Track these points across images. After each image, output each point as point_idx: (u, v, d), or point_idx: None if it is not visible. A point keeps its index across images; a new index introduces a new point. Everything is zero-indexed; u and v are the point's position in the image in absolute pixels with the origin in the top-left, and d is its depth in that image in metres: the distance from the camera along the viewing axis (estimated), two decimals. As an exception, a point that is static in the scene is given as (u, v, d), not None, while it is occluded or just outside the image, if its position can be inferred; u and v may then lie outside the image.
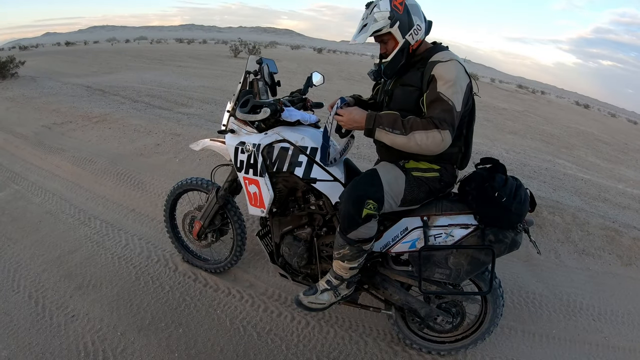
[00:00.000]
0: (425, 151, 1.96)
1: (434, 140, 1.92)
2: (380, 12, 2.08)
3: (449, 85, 1.97)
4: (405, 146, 1.99)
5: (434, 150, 1.96)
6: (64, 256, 3.50)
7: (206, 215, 3.01)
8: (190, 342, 2.65)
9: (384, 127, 2.01)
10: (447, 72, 2.00)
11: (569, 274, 3.66)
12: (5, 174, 5.46)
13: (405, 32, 2.10)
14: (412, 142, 1.95)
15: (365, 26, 2.12)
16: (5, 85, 11.80)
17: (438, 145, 1.93)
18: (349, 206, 2.08)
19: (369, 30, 2.10)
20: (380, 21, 2.08)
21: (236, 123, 2.60)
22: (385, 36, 2.14)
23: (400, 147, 2.01)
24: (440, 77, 2.00)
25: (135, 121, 7.13)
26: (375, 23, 2.09)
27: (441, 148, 1.95)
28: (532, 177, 5.90)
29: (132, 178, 5.02)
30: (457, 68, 2.03)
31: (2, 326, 2.73)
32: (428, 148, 1.94)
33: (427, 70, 2.06)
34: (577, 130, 16.48)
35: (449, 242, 2.19)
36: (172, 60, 23.55)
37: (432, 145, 1.93)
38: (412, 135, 1.94)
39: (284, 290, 3.13)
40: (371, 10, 2.12)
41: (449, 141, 1.95)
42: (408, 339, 2.63)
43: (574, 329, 3.05)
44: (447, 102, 1.95)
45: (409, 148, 1.98)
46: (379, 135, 2.05)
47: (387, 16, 2.07)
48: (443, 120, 1.93)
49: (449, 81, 1.98)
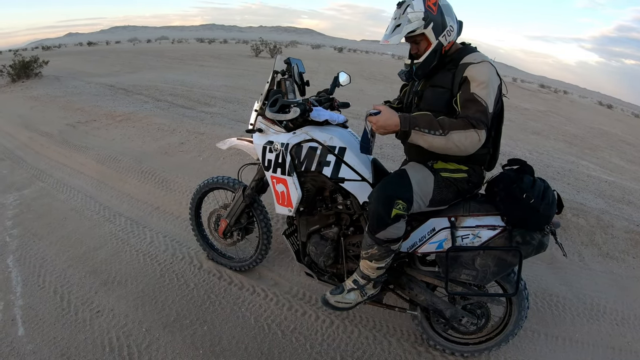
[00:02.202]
0: (462, 152, 1.95)
1: (472, 140, 1.91)
2: (415, 13, 2.06)
3: (483, 86, 1.97)
4: (443, 147, 1.96)
5: (470, 151, 1.95)
6: (89, 253, 3.57)
7: (232, 213, 3.03)
8: (214, 340, 2.67)
9: (421, 129, 1.96)
10: (480, 74, 2.00)
11: (592, 277, 3.61)
12: (30, 171, 5.58)
13: (439, 34, 2.09)
14: (451, 142, 1.92)
15: (399, 27, 2.09)
16: (29, 84, 12.04)
17: (475, 145, 1.93)
18: (378, 206, 2.08)
19: (403, 31, 2.08)
20: (415, 22, 2.06)
21: (264, 122, 2.62)
22: (418, 37, 2.12)
23: (438, 148, 1.97)
24: (473, 78, 1.99)
25: (159, 120, 7.22)
26: (409, 24, 2.07)
27: (476, 147, 1.95)
28: (556, 179, 5.83)
29: (157, 176, 5.09)
30: (489, 70, 2.02)
31: (27, 320, 2.80)
32: (466, 148, 1.93)
33: (459, 72, 2.05)
34: (600, 131, 16.19)
35: (476, 243, 2.17)
36: (194, 60, 23.76)
37: (469, 145, 1.92)
38: (450, 135, 1.92)
39: (308, 289, 3.14)
40: (404, 10, 2.09)
41: (483, 140, 1.95)
42: (432, 340, 2.62)
43: (597, 333, 3.00)
44: (482, 103, 1.95)
45: (447, 149, 1.96)
46: (415, 138, 1.99)
47: (422, 17, 2.05)
48: (479, 120, 1.92)
49: (482, 83, 1.97)
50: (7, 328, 2.73)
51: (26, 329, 2.72)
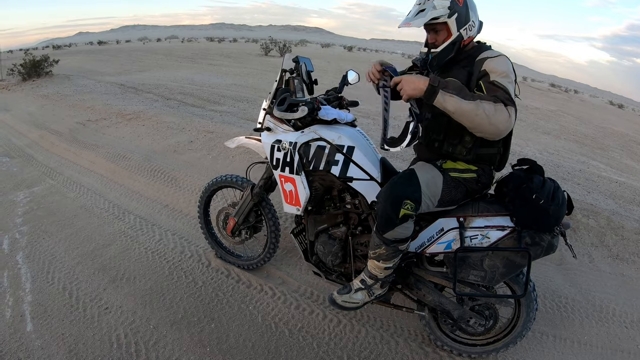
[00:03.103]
0: (492, 125, 1.88)
1: (502, 114, 1.87)
2: (441, 0, 2.04)
3: (503, 76, 1.96)
4: (472, 113, 1.88)
5: (500, 127, 1.89)
6: (98, 250, 3.60)
7: (241, 212, 3.04)
8: (222, 337, 2.68)
9: (449, 91, 1.91)
10: (499, 65, 1.99)
11: (602, 279, 3.58)
12: (40, 169, 5.64)
13: (461, 26, 2.07)
14: (481, 109, 1.86)
15: (423, 11, 2.05)
16: (40, 83, 12.14)
17: (506, 121, 1.88)
18: (387, 206, 2.08)
19: (427, 16, 2.03)
20: (440, 9, 2.03)
21: (272, 121, 2.62)
22: (439, 25, 2.09)
23: (466, 114, 1.89)
24: (492, 70, 1.98)
25: (169, 118, 7.26)
26: (434, 10, 2.03)
27: (507, 126, 1.90)
28: (566, 179, 5.79)
29: (166, 174, 5.11)
30: (507, 62, 2.02)
31: (36, 316, 2.82)
32: (497, 121, 1.87)
33: (477, 67, 2.04)
34: (611, 131, 16.04)
35: (485, 243, 2.16)
36: (203, 59, 23.82)
37: (500, 119, 1.87)
38: (480, 103, 1.88)
39: (316, 288, 3.14)
40: None
41: (514, 120, 1.91)
42: (439, 341, 2.61)
43: (606, 336, 2.97)
44: (505, 89, 1.93)
45: (475, 116, 1.88)
46: (443, 100, 1.92)
47: (447, 5, 2.03)
48: (507, 99, 1.90)
49: (502, 73, 1.97)
50: (16, 324, 2.76)
51: (35, 325, 2.75)
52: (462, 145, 2.15)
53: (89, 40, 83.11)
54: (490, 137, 1.95)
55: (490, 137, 1.96)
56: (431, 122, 2.23)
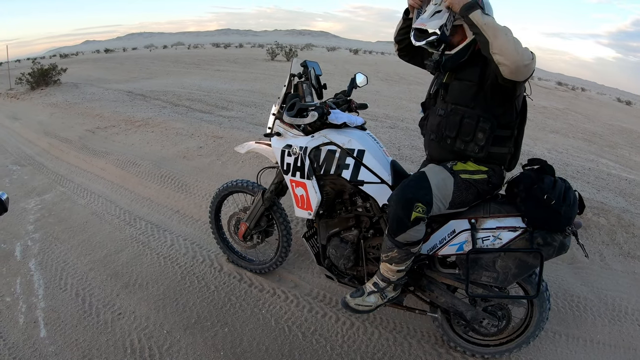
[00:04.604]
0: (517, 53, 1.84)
1: (527, 52, 1.85)
2: None
3: None
4: (503, 32, 1.87)
5: (523, 59, 1.85)
6: (110, 256, 3.63)
7: (252, 217, 3.05)
8: (235, 341, 2.69)
9: (485, 13, 1.94)
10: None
11: (614, 277, 3.56)
12: (51, 176, 5.70)
13: None
14: (511, 35, 1.86)
15: (439, 12, 2.02)
16: (48, 91, 12.24)
17: (529, 58, 1.85)
18: (398, 209, 2.09)
19: (444, 18, 2.01)
20: None
21: (282, 126, 2.64)
22: (455, 28, 2.08)
23: (498, 31, 1.88)
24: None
25: (177, 124, 7.30)
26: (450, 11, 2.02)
27: (528, 65, 1.87)
28: (576, 178, 5.76)
29: (176, 180, 5.14)
30: None
31: (49, 322, 2.85)
32: (522, 52, 1.84)
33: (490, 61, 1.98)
34: (619, 128, 15.95)
35: (497, 245, 2.16)
36: (210, 65, 23.95)
37: (525, 54, 1.85)
38: (508, 30, 1.88)
39: (328, 291, 3.15)
40: None
41: (533, 68, 1.89)
42: (452, 342, 2.61)
43: (619, 334, 2.95)
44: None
45: (505, 35, 1.87)
46: (477, 16, 1.92)
47: None
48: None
49: None
50: (29, 330, 2.79)
51: (48, 331, 2.77)
52: (475, 142, 2.14)
53: (96, 49, 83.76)
54: (512, 65, 1.86)
55: (512, 66, 1.87)
56: (444, 119, 2.22)
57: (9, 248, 3.81)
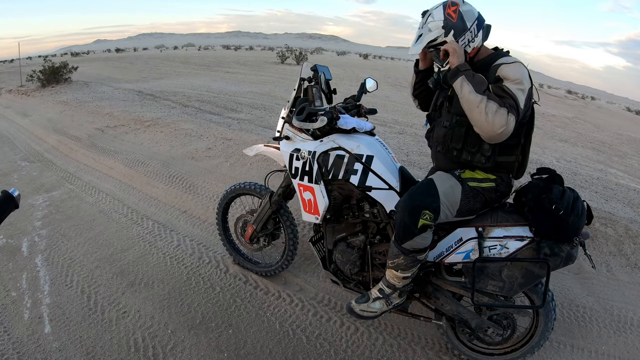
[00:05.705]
0: (485, 123, 1.92)
1: (500, 118, 1.89)
2: (434, 22, 2.08)
3: (515, 82, 1.97)
4: (473, 104, 1.95)
5: (495, 129, 1.91)
6: (117, 254, 3.65)
7: (259, 219, 3.06)
8: (239, 343, 2.70)
9: (469, 79, 1.98)
10: (512, 72, 1.99)
11: (620, 288, 3.53)
12: (59, 173, 5.74)
13: (461, 40, 2.09)
14: (482, 105, 1.92)
15: (421, 37, 2.13)
16: (59, 89, 12.34)
17: (502, 125, 1.90)
18: (405, 216, 2.09)
19: (424, 41, 2.11)
20: (435, 31, 2.09)
21: (291, 130, 2.65)
22: (441, 45, 2.12)
23: (469, 103, 1.97)
24: (506, 76, 1.99)
25: (186, 125, 7.33)
26: (429, 33, 2.10)
27: (501, 133, 1.92)
28: (584, 187, 5.72)
29: (184, 181, 5.17)
30: (521, 69, 2.01)
31: (54, 318, 2.87)
32: (492, 122, 1.90)
33: (492, 73, 2.04)
34: (629, 138, 15.83)
35: (504, 254, 2.15)
36: (220, 67, 24.02)
37: (497, 122, 1.90)
38: (486, 100, 1.92)
39: (333, 296, 3.15)
40: (426, 19, 2.12)
41: (511, 129, 1.93)
42: (457, 350, 2.60)
43: (624, 346, 2.93)
44: (512, 96, 1.94)
45: (476, 108, 1.94)
46: (459, 83, 2.00)
47: (441, 25, 2.07)
48: (512, 107, 1.92)
49: (515, 79, 1.97)
50: (34, 325, 2.81)
51: (52, 327, 2.79)
52: (481, 153, 2.15)
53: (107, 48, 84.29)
54: (486, 135, 1.97)
55: (486, 136, 1.98)
56: (449, 131, 2.23)
57: (16, 243, 3.84)
